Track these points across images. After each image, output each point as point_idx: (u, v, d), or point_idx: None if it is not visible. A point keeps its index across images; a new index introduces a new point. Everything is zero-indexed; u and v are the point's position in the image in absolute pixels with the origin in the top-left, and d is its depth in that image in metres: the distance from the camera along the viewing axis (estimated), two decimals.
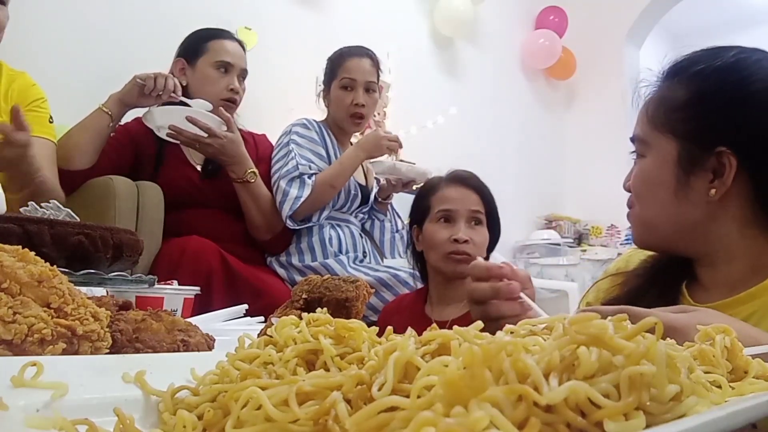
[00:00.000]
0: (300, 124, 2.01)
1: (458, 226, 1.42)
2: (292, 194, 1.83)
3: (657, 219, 0.84)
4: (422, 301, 1.51)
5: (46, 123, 1.61)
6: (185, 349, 0.51)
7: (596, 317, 0.28)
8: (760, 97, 0.78)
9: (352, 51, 2.06)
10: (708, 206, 0.81)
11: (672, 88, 0.82)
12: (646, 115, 0.84)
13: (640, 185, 0.85)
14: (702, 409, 0.27)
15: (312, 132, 2.00)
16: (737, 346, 0.42)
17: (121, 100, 1.71)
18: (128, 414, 0.34)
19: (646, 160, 0.84)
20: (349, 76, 2.00)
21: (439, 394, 0.25)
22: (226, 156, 1.74)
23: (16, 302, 0.42)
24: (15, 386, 0.34)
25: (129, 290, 0.89)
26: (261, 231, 1.87)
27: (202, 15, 2.40)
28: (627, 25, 4.39)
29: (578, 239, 4.37)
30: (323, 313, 0.43)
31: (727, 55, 0.81)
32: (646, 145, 0.84)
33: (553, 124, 4.50)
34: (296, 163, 1.87)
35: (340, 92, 2.01)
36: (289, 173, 1.86)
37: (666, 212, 0.83)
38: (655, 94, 0.84)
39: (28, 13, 2.05)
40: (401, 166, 1.97)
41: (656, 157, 0.82)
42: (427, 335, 0.34)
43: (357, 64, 2.02)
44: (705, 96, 0.80)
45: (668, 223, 0.84)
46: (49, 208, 0.89)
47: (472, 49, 3.90)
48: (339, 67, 2.03)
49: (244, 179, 1.78)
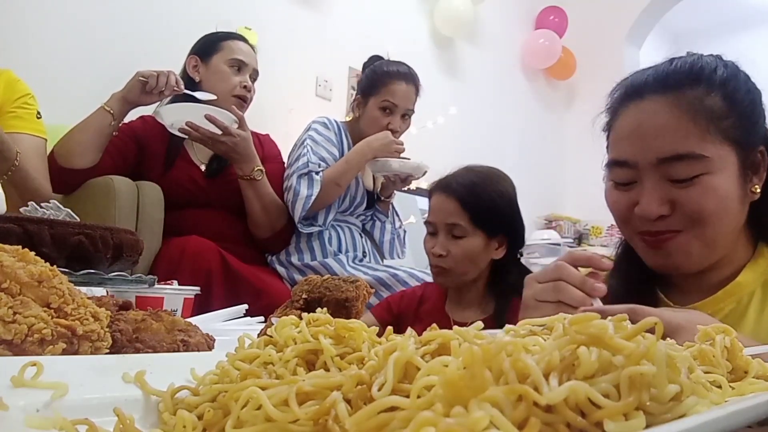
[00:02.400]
0: (321, 123, 2.00)
1: (438, 238, 1.41)
2: (303, 193, 1.83)
3: (722, 235, 0.80)
4: (444, 298, 1.51)
5: (33, 119, 1.59)
6: (185, 349, 0.51)
7: (596, 317, 0.28)
8: (760, 98, 0.82)
9: (400, 74, 2.00)
10: (746, 208, 0.81)
11: (701, 96, 0.78)
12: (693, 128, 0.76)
13: (712, 204, 0.77)
14: (702, 409, 0.27)
15: (331, 132, 1.99)
16: (737, 346, 0.42)
17: (123, 98, 1.70)
18: (128, 414, 0.34)
19: (711, 176, 0.76)
20: (392, 100, 1.97)
21: (439, 394, 0.25)
22: (238, 153, 1.75)
23: (16, 302, 0.42)
24: (15, 386, 0.34)
25: (129, 290, 0.89)
26: (263, 229, 1.87)
27: (203, 15, 2.40)
28: (627, 25, 4.39)
29: (578, 239, 4.37)
30: (323, 313, 0.43)
31: (720, 59, 0.82)
32: (704, 161, 0.76)
33: (553, 124, 4.50)
34: (307, 161, 1.87)
35: (377, 113, 1.97)
36: (299, 170, 1.86)
37: (730, 226, 0.80)
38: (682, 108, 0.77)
39: (29, 13, 2.06)
40: (393, 162, 1.95)
41: (720, 170, 0.77)
42: (427, 335, 0.34)
43: (402, 91, 1.98)
44: (739, 99, 0.79)
45: (729, 238, 0.81)
46: (49, 208, 0.89)
47: (472, 49, 3.90)
48: (383, 87, 1.98)
49: (251, 176, 1.79)
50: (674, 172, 0.76)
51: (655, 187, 0.78)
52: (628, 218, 0.82)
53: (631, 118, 0.81)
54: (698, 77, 0.79)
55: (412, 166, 1.97)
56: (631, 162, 0.80)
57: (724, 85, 0.78)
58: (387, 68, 2.02)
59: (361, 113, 2.03)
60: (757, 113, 0.81)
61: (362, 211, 2.07)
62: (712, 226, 0.77)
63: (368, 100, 2.00)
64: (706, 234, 0.78)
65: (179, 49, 1.97)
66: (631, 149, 0.80)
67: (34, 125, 1.59)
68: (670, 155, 0.76)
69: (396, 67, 2.02)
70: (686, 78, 0.79)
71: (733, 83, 0.79)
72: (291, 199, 1.85)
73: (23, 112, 1.56)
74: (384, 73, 2.01)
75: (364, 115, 2.02)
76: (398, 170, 1.95)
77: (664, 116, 0.77)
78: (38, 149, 1.58)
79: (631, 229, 0.84)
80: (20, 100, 1.57)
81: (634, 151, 0.79)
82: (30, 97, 1.60)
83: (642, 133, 0.79)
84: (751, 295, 0.81)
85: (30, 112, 1.59)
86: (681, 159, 0.76)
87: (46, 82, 1.93)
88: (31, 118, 1.59)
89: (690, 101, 0.77)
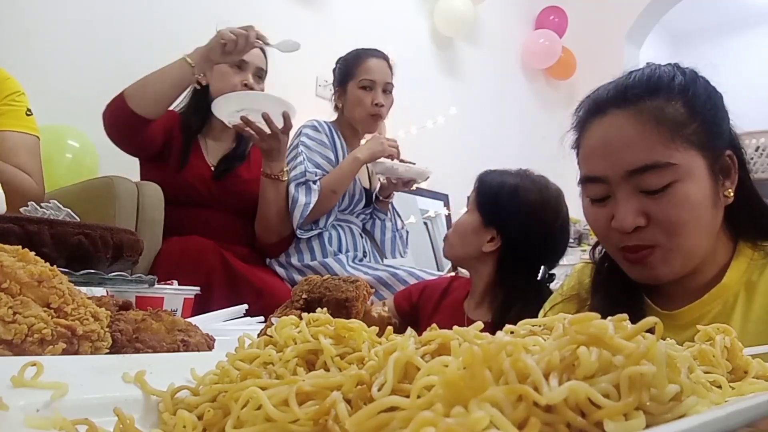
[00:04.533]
0: (310, 126, 2.00)
1: None
2: (300, 201, 1.83)
3: (699, 242, 0.79)
4: (466, 294, 1.50)
5: (22, 116, 1.56)
6: (185, 349, 0.51)
7: (596, 317, 0.28)
8: (721, 102, 0.83)
9: (369, 52, 2.05)
10: (721, 211, 0.81)
11: (661, 106, 0.78)
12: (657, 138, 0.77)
13: (686, 212, 0.77)
14: (702, 409, 0.27)
15: (322, 134, 1.99)
16: (737, 346, 0.42)
17: (205, 55, 1.71)
18: (128, 414, 0.34)
19: (681, 184, 0.77)
20: (368, 77, 2.00)
21: (439, 394, 0.25)
22: (280, 152, 1.76)
23: (16, 302, 0.42)
24: (15, 386, 0.34)
25: (129, 290, 0.89)
26: (272, 233, 1.87)
27: (203, 15, 2.40)
28: (627, 25, 4.39)
29: (578, 239, 4.36)
30: (323, 313, 0.43)
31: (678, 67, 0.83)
32: (672, 169, 0.76)
33: (553, 124, 4.50)
34: (304, 169, 1.87)
35: (359, 92, 2.00)
36: (296, 178, 1.86)
37: (706, 231, 0.80)
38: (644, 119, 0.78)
39: (29, 14, 2.06)
40: (399, 166, 1.95)
41: (690, 176, 0.77)
42: (427, 335, 0.34)
43: (376, 65, 2.02)
44: (699, 105, 0.79)
45: (707, 242, 0.80)
46: (49, 208, 0.89)
47: (472, 49, 3.90)
48: (357, 68, 2.02)
49: (279, 176, 1.80)
50: (645, 183, 0.77)
51: (628, 199, 0.78)
52: (608, 234, 0.83)
53: (597, 134, 0.82)
54: (656, 88, 0.80)
55: (417, 171, 1.97)
56: (602, 177, 0.81)
57: (683, 92, 0.79)
58: (356, 53, 2.07)
59: (343, 102, 2.05)
60: (719, 117, 0.81)
61: (361, 209, 2.07)
62: (687, 236, 0.78)
63: (346, 87, 2.03)
64: (683, 244, 0.78)
65: (179, 49, 1.96)
66: (600, 165, 0.81)
67: (23, 122, 1.56)
68: (638, 166, 0.77)
69: (363, 50, 2.07)
70: (644, 90, 0.79)
71: (693, 89, 0.80)
72: (289, 206, 1.85)
73: (8, 109, 1.52)
74: (354, 56, 2.06)
75: (347, 103, 2.04)
76: (402, 174, 1.96)
77: (628, 129, 0.78)
78: (27, 146, 1.54)
79: (612, 245, 0.84)
80: (8, 98, 1.54)
81: (604, 166, 0.80)
82: (18, 95, 1.57)
83: (608, 148, 0.80)
84: (736, 295, 0.81)
85: (17, 109, 1.56)
86: (649, 169, 0.76)
87: (46, 82, 1.93)
88: (18, 115, 1.55)
89: (651, 112, 0.78)
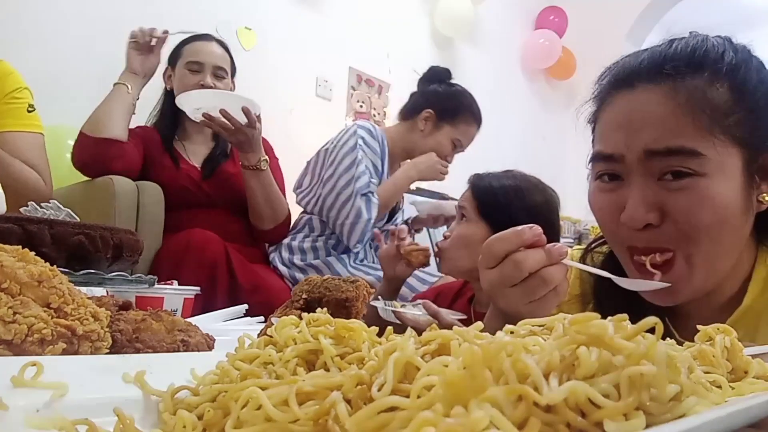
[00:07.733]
0: (366, 130, 1.92)
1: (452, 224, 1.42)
2: (364, 216, 1.78)
3: (724, 252, 0.67)
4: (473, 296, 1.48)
5: (24, 114, 1.53)
6: (185, 349, 0.51)
7: (596, 317, 0.28)
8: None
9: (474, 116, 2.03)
10: (752, 218, 0.69)
11: (703, 87, 0.66)
12: (692, 124, 0.64)
13: (708, 213, 0.64)
14: (702, 409, 0.27)
15: (375, 142, 1.93)
16: (737, 346, 0.42)
17: (129, 71, 1.76)
18: (128, 414, 0.34)
19: (708, 180, 0.64)
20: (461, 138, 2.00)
21: (439, 394, 0.25)
22: (251, 144, 1.75)
23: (16, 302, 0.42)
24: (15, 386, 0.34)
25: (129, 290, 0.89)
26: (266, 221, 1.87)
27: (203, 15, 2.41)
28: (627, 25, 4.39)
29: (578, 239, 4.36)
30: (323, 313, 0.43)
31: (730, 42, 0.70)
32: (700, 160, 0.64)
33: (553, 124, 4.50)
34: (368, 180, 1.82)
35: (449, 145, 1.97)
36: (361, 189, 1.80)
37: (732, 240, 0.67)
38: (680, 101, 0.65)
39: (29, 14, 2.06)
40: (446, 204, 1.93)
41: (720, 173, 0.64)
42: (427, 335, 0.34)
43: (471, 133, 2.03)
44: (749, 90, 0.67)
45: (733, 253, 0.69)
46: (49, 208, 0.89)
47: (472, 49, 3.90)
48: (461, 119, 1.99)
49: (257, 167, 1.79)
50: (665, 169, 0.66)
51: (642, 187, 0.67)
52: (615, 228, 0.72)
53: (619, 109, 0.70)
54: (701, 64, 0.66)
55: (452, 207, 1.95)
56: (617, 155, 0.69)
57: (732, 73, 0.66)
58: (472, 102, 2.03)
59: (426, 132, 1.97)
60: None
61: (380, 225, 2.05)
62: (708, 243, 0.66)
63: (443, 125, 1.98)
64: (703, 253, 0.66)
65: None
66: (617, 141, 0.69)
67: (25, 120, 1.53)
68: (660, 148, 0.65)
69: (471, 102, 2.04)
70: (686, 65, 0.66)
71: (744, 71, 0.67)
72: (351, 221, 1.80)
73: (9, 108, 1.50)
74: (470, 104, 2.02)
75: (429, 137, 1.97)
76: (449, 211, 1.92)
77: (658, 108, 0.66)
78: (31, 144, 1.52)
79: (618, 243, 0.73)
80: (9, 95, 1.52)
81: (621, 142, 0.68)
82: (20, 91, 1.54)
83: (631, 125, 0.67)
84: (758, 317, 0.71)
85: (19, 107, 1.53)
86: (673, 154, 0.65)
87: (46, 82, 1.93)
88: (20, 114, 1.52)
89: (690, 93, 0.65)
